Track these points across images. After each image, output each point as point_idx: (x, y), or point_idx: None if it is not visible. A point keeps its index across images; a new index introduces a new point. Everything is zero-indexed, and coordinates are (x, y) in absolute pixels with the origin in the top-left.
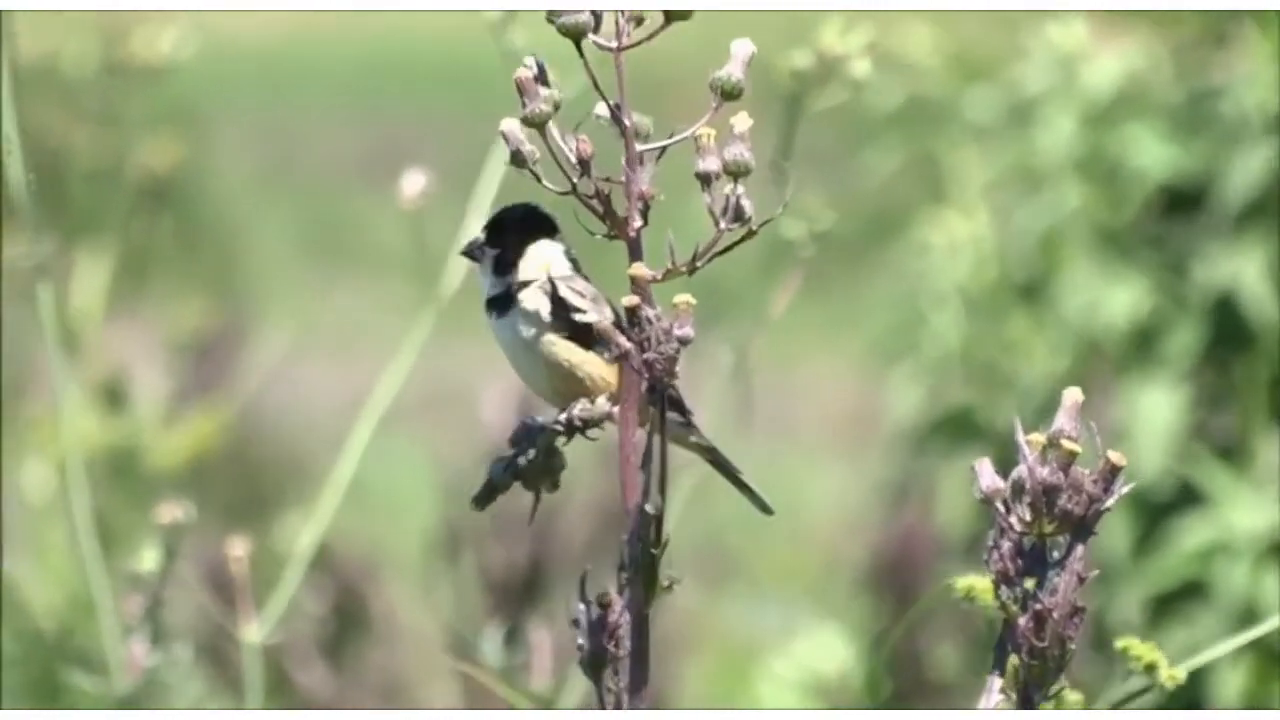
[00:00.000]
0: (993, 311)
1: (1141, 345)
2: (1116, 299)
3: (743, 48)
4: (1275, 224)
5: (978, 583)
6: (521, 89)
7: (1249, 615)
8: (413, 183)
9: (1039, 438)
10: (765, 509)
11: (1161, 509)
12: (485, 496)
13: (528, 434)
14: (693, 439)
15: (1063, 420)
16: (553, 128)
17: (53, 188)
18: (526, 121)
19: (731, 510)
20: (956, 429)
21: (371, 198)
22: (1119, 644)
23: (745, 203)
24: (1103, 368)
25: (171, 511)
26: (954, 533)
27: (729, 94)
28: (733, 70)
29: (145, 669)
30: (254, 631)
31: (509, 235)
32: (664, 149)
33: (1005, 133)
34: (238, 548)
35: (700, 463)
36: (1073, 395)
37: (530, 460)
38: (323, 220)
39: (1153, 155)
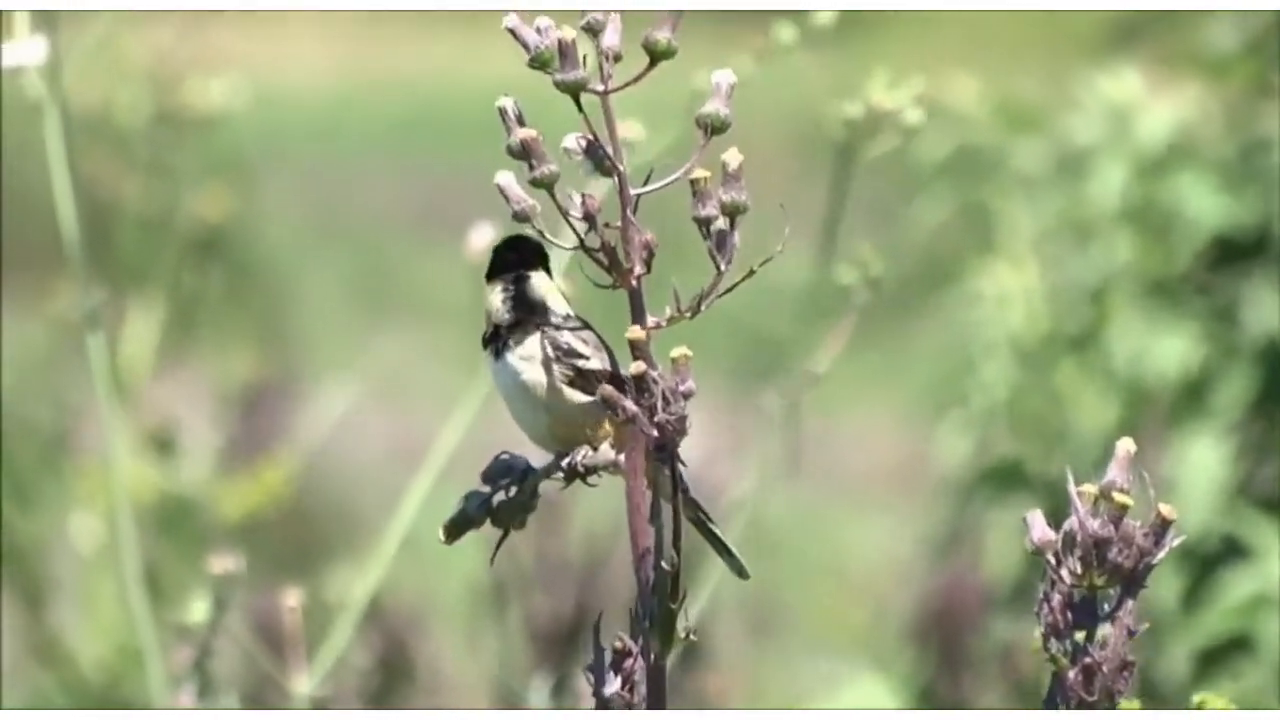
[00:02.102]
0: (1042, 362)
1: (1191, 396)
2: (1166, 350)
3: (724, 78)
4: None
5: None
6: (528, 149)
7: None
8: (481, 236)
9: (1091, 489)
10: (741, 573)
11: (1209, 561)
12: (457, 529)
13: (506, 471)
14: (681, 494)
15: (1114, 472)
16: (570, 193)
17: (104, 238)
18: (536, 183)
19: (777, 561)
20: (1005, 479)
21: (421, 248)
22: (1196, 698)
23: (735, 240)
24: (1153, 418)
25: (223, 562)
26: (1002, 584)
27: (716, 129)
28: (717, 105)
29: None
30: (303, 683)
31: (506, 271)
32: (655, 191)
33: (1055, 183)
34: (291, 599)
35: (740, 512)
36: (1125, 446)
37: (507, 499)
38: (372, 270)
39: (1204, 206)
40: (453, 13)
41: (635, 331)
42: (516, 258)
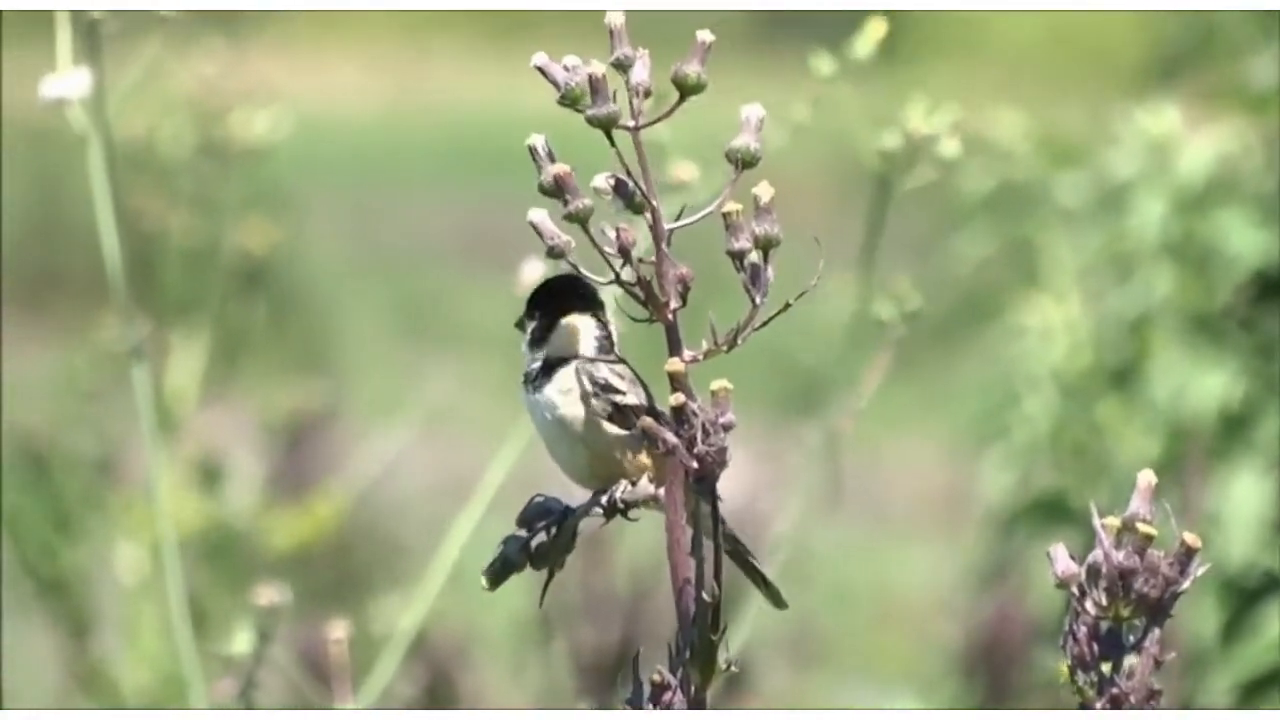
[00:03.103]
0: (1085, 395)
1: (1233, 430)
2: (1208, 384)
3: (753, 112)
4: None
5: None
6: (561, 185)
7: None
8: (531, 270)
9: (1114, 521)
10: (778, 603)
11: (1251, 595)
12: (500, 574)
13: (543, 513)
14: (716, 525)
15: (1137, 504)
16: (604, 227)
17: (149, 270)
18: (570, 218)
19: (821, 592)
20: (1048, 512)
21: (465, 278)
22: None
23: (769, 273)
24: (1194, 453)
25: (268, 594)
26: (1046, 615)
27: (746, 163)
28: (747, 139)
29: None
30: (349, 715)
31: (548, 307)
32: (686, 226)
33: (1096, 218)
34: (337, 630)
35: (783, 545)
36: (1146, 478)
37: (546, 541)
38: (416, 301)
39: (1244, 241)
40: (496, 42)
41: (674, 364)
42: (556, 296)
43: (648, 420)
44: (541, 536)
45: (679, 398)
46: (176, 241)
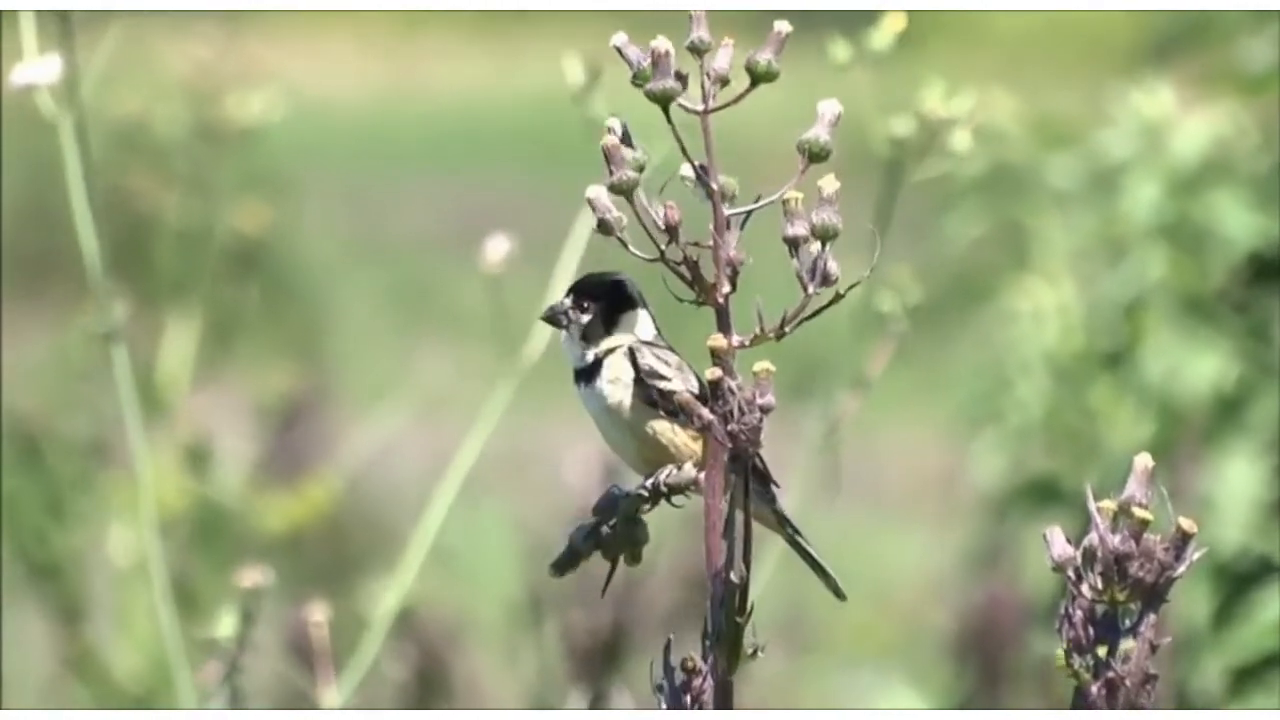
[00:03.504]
0: (1078, 378)
1: (1226, 413)
2: (1201, 367)
3: (829, 108)
4: None
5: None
6: (608, 156)
7: None
8: (496, 248)
9: (1110, 505)
10: (839, 593)
11: (1244, 579)
12: (566, 563)
13: (612, 503)
14: (773, 512)
15: (1133, 487)
16: (640, 194)
17: (142, 251)
18: (614, 189)
19: (814, 576)
20: (1041, 495)
21: (457, 263)
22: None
23: (832, 265)
24: (1187, 436)
25: (252, 576)
26: (1039, 599)
27: (816, 156)
28: (819, 132)
29: None
30: (333, 695)
31: (598, 303)
32: (750, 213)
33: (1090, 200)
34: (318, 613)
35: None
36: (1143, 462)
37: (613, 529)
38: (408, 285)
39: (1238, 223)
40: (491, 27)
41: (718, 339)
42: (608, 293)
43: (685, 396)
44: (607, 527)
45: (716, 372)
46: (170, 223)
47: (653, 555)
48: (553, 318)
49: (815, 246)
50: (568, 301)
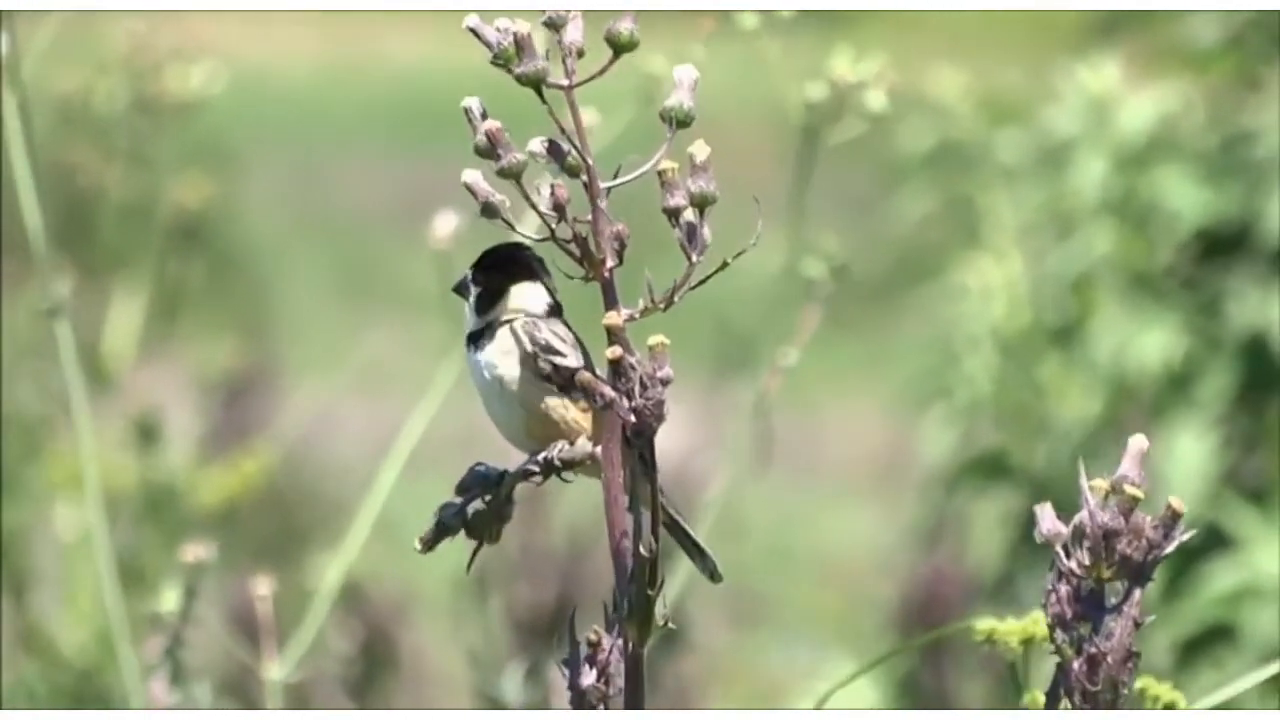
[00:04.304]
0: (1025, 354)
1: (1174, 388)
2: (1149, 342)
3: (687, 73)
4: None
5: (999, 626)
6: (493, 140)
7: (1277, 658)
8: (444, 224)
9: (1102, 483)
10: (713, 576)
11: (1192, 552)
12: (433, 540)
13: (479, 481)
14: (651, 492)
15: (1127, 466)
16: (541, 185)
17: (85, 226)
18: (503, 174)
19: (759, 550)
20: (988, 471)
21: (402, 237)
22: (1138, 685)
23: (706, 232)
24: (1136, 411)
25: (195, 550)
26: (984, 574)
27: (681, 122)
28: (681, 97)
29: (165, 707)
30: (276, 669)
31: (494, 274)
32: (621, 184)
33: (1037, 176)
34: (262, 586)
35: (717, 505)
36: (1138, 443)
37: (481, 508)
38: (353, 259)
39: (1186, 198)
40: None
41: (612, 318)
42: (505, 264)
43: (585, 375)
44: (477, 504)
45: (616, 351)
46: (114, 198)
47: (597, 530)
48: (457, 289)
49: (691, 214)
50: (469, 273)
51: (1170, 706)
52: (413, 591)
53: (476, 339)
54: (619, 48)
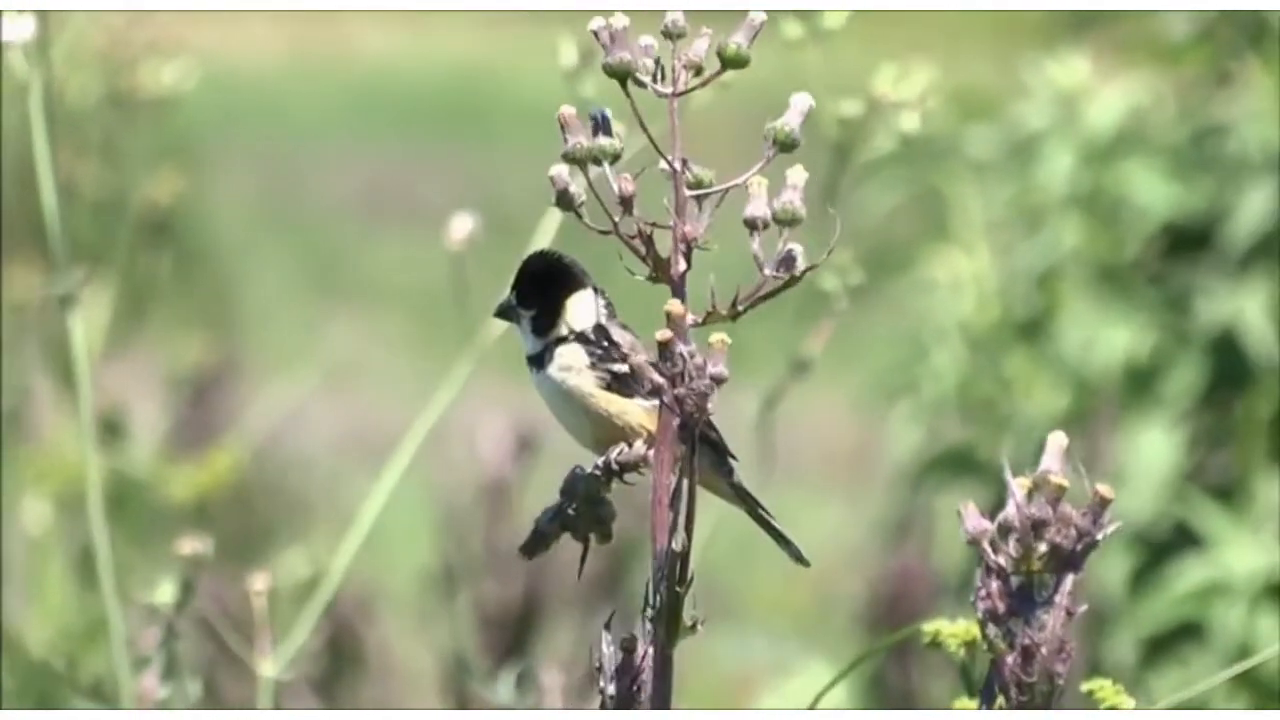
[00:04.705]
0: (993, 349)
1: (1141, 384)
2: (1116, 337)
3: (801, 100)
4: (1277, 262)
5: (944, 627)
6: (563, 125)
7: (1244, 656)
8: (460, 226)
9: (1025, 481)
10: (801, 560)
11: (1159, 549)
12: (533, 546)
13: (575, 484)
14: (730, 485)
15: (1049, 461)
16: (608, 169)
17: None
18: (566, 158)
19: (724, 545)
20: (955, 466)
21: (369, 231)
22: (1085, 687)
23: (796, 250)
24: (1102, 406)
25: (191, 543)
26: (951, 570)
27: (784, 145)
28: (789, 121)
29: (156, 702)
30: (269, 666)
31: (543, 292)
32: (719, 194)
33: (1006, 170)
34: (258, 582)
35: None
36: (1057, 440)
37: (576, 509)
38: (320, 253)
39: (1155, 193)
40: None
41: (674, 305)
42: (551, 278)
43: (637, 359)
44: (571, 509)
45: (666, 334)
46: (85, 192)
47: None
48: (503, 314)
49: (776, 230)
50: (512, 297)
51: (1115, 708)
52: (379, 588)
53: (538, 358)
54: (727, 62)
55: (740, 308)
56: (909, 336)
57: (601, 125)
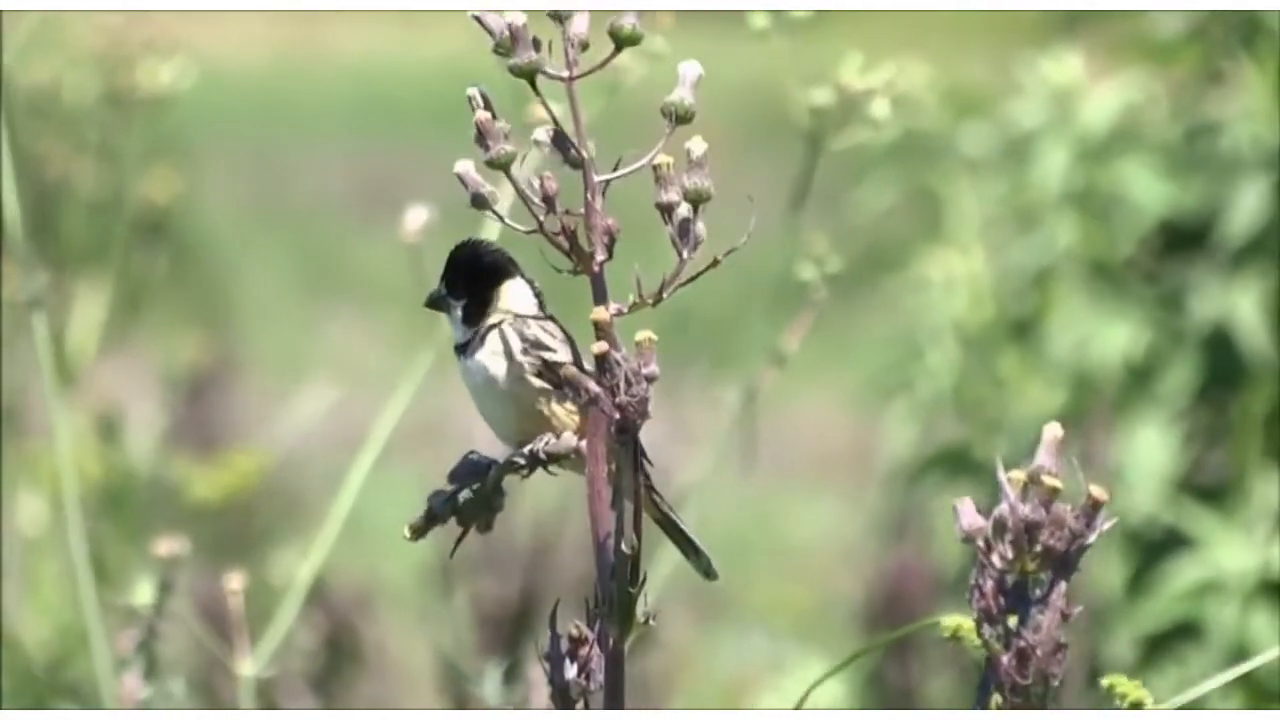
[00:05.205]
0: (987, 348)
1: (1136, 382)
2: (1111, 336)
3: (690, 70)
4: (1272, 260)
5: (965, 622)
6: (482, 131)
7: (1240, 654)
8: (415, 218)
9: (1019, 475)
10: (709, 574)
11: (1154, 548)
12: (423, 527)
13: (471, 470)
14: (645, 488)
15: (1043, 457)
16: (516, 166)
17: (50, 220)
18: (491, 164)
19: (722, 544)
20: (951, 465)
21: (362, 229)
22: (1105, 682)
23: (700, 227)
24: (1098, 406)
25: (169, 545)
26: (948, 568)
27: (681, 118)
28: (683, 93)
29: (138, 702)
30: (249, 665)
31: (472, 281)
32: (616, 179)
33: (1001, 168)
34: (235, 581)
35: (691, 509)
36: (1052, 432)
37: (471, 497)
38: (314, 252)
39: (1149, 191)
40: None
41: (599, 313)
42: (480, 268)
43: (571, 369)
44: (467, 492)
45: (602, 346)
46: (79, 192)
47: (562, 524)
48: (433, 304)
49: (685, 209)
50: (442, 287)
51: (1137, 704)
52: (376, 584)
53: (465, 346)
54: (621, 41)
55: (664, 295)
56: (903, 335)
57: (484, 103)
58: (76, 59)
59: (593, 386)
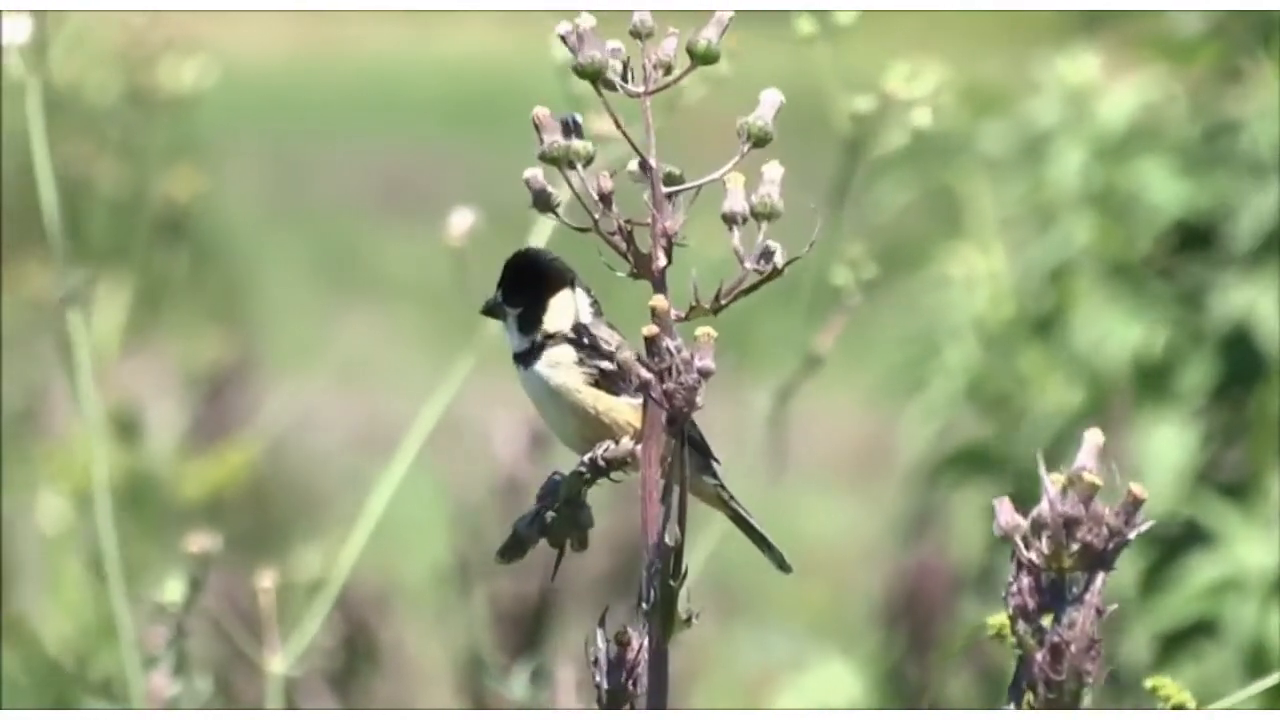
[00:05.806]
0: (1006, 346)
1: (1154, 380)
2: (1129, 334)
3: (772, 96)
4: None
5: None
6: (537, 126)
7: (1258, 652)
8: (460, 221)
9: (1060, 477)
10: (784, 567)
11: (1172, 545)
12: (510, 551)
13: (552, 489)
14: (713, 486)
15: (1084, 459)
16: (581, 171)
17: (73, 218)
18: (542, 158)
19: (741, 543)
20: (970, 463)
21: (381, 226)
22: (1148, 683)
23: (773, 244)
24: (1115, 403)
25: (200, 541)
26: (967, 566)
27: (758, 140)
28: (762, 115)
29: (166, 700)
30: (278, 663)
31: (529, 289)
32: (693, 190)
33: (1019, 167)
34: (265, 579)
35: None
36: (1094, 437)
37: (556, 514)
38: (334, 249)
39: (1166, 190)
40: None
41: (658, 300)
42: (537, 276)
43: (625, 355)
44: (552, 513)
45: (653, 329)
46: (103, 190)
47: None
48: (489, 311)
49: (754, 224)
50: (498, 295)
51: (1180, 706)
52: (394, 584)
53: (525, 356)
54: (697, 58)
55: (723, 302)
56: (922, 333)
57: (573, 129)
58: (99, 58)
59: (642, 371)
